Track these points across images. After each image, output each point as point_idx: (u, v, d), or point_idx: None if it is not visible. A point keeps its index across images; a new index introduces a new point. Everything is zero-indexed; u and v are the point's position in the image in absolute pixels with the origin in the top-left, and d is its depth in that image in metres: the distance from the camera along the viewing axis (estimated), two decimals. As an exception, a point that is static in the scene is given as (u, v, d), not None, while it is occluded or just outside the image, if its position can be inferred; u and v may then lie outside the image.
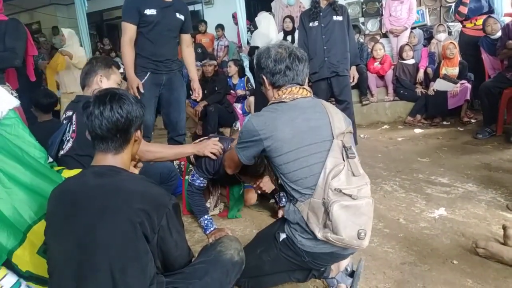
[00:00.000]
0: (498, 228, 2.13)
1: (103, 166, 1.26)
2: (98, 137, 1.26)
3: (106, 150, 1.27)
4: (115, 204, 1.15)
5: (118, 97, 1.27)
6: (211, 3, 9.02)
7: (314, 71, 3.67)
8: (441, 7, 6.19)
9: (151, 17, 2.90)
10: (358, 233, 1.40)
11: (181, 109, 3.28)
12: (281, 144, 1.49)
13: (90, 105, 1.26)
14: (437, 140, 4.25)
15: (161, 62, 3.04)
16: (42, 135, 2.26)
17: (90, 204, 1.16)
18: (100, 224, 1.13)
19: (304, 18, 3.75)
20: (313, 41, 3.66)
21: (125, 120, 1.26)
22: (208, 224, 2.34)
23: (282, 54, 1.60)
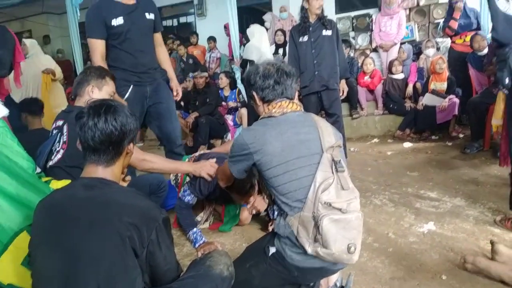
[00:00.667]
0: (486, 243, 2.15)
1: (93, 178, 1.24)
2: (90, 148, 1.25)
3: (97, 162, 1.26)
4: (104, 217, 1.13)
5: (113, 109, 1.26)
6: (203, 14, 9.08)
7: (304, 85, 3.73)
8: (429, 23, 6.32)
9: (119, 28, 2.69)
10: (348, 247, 1.40)
11: (173, 119, 3.08)
12: (271, 157, 1.51)
13: (83, 115, 1.24)
14: (426, 154, 4.29)
15: (144, 73, 2.85)
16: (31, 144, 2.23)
17: (78, 216, 1.14)
18: (89, 237, 1.11)
19: (294, 33, 3.79)
20: (303, 55, 3.71)
21: (119, 132, 1.25)
22: (197, 237, 2.32)
23: (270, 70, 1.64)
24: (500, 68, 2.18)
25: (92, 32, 2.70)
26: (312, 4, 3.58)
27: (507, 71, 2.12)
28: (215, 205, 2.75)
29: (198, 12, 9.08)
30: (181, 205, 2.37)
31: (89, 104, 1.28)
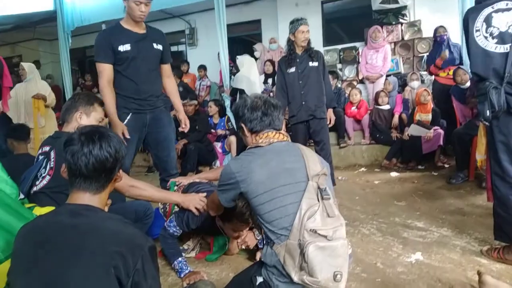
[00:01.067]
0: (473, 273, 2.14)
1: (79, 205, 1.22)
2: (81, 176, 1.22)
3: (86, 189, 1.23)
4: (89, 246, 1.10)
5: (107, 136, 1.25)
6: (194, 44, 9.26)
7: (292, 114, 3.83)
8: (414, 57, 6.55)
9: (125, 54, 2.74)
10: (334, 275, 1.39)
11: (171, 148, 3.08)
12: (256, 185, 1.53)
13: (74, 142, 1.22)
14: (413, 184, 4.33)
15: (144, 100, 2.86)
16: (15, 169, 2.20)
17: (62, 245, 1.11)
18: (72, 267, 1.07)
19: (281, 64, 3.89)
20: (291, 86, 3.79)
21: (113, 159, 1.24)
22: (183, 266, 2.27)
23: (258, 102, 1.71)
24: (480, 102, 2.23)
25: (100, 56, 2.75)
26: (297, 37, 3.68)
27: (487, 104, 2.18)
28: (203, 235, 2.71)
29: (189, 42, 9.26)
30: (165, 235, 2.33)
31: (80, 131, 1.26)
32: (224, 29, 6.20)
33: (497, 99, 2.16)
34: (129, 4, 2.69)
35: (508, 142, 2.24)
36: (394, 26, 6.64)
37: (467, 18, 2.32)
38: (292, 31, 3.71)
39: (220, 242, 2.59)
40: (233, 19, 7.67)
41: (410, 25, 6.63)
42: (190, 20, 9.06)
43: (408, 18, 6.80)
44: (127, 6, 2.72)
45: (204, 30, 8.90)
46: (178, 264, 2.28)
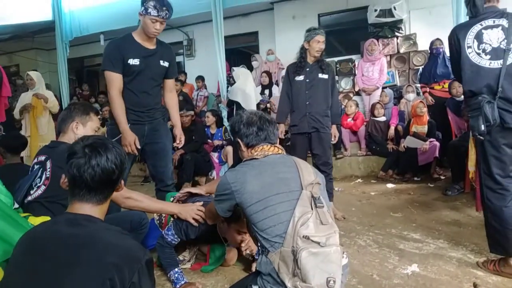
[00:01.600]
0: (469, 286, 2.14)
1: (78, 215, 1.21)
2: (86, 187, 1.20)
3: (89, 200, 1.22)
4: (86, 257, 1.09)
5: (110, 147, 1.24)
6: (192, 55, 9.32)
7: (294, 123, 3.69)
8: (409, 70, 6.61)
9: (134, 67, 2.76)
10: (327, 281, 1.40)
11: (168, 159, 3.08)
12: (251, 194, 1.57)
13: (78, 155, 1.20)
14: (409, 196, 4.34)
15: (143, 112, 2.87)
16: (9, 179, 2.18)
17: (59, 254, 1.10)
18: (68, 277, 1.06)
19: (290, 70, 3.74)
20: (296, 94, 3.66)
21: (119, 171, 1.24)
22: (179, 277, 2.25)
23: (253, 118, 1.78)
24: (473, 116, 2.25)
25: (110, 66, 2.73)
26: (312, 46, 3.56)
27: (482, 119, 2.20)
28: (200, 246, 2.68)
29: (187, 53, 9.32)
30: (163, 244, 2.31)
31: (83, 143, 1.24)
32: (222, 40, 6.26)
33: (491, 113, 2.19)
34: (145, 20, 2.68)
35: (499, 156, 2.27)
36: (390, 39, 6.72)
37: (456, 35, 2.37)
38: (308, 39, 3.58)
39: (217, 254, 2.57)
40: (230, 31, 7.75)
41: (405, 38, 6.71)
42: (188, 31, 9.14)
43: (404, 31, 6.90)
44: (142, 21, 2.71)
45: (202, 41, 8.96)
46: (174, 274, 2.26)
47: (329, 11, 7.71)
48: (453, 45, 2.41)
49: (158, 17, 2.66)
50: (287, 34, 7.87)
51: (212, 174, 5.58)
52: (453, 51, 2.44)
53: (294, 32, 7.76)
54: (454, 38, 2.39)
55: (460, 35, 2.34)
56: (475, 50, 2.30)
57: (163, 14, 2.66)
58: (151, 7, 2.62)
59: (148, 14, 2.65)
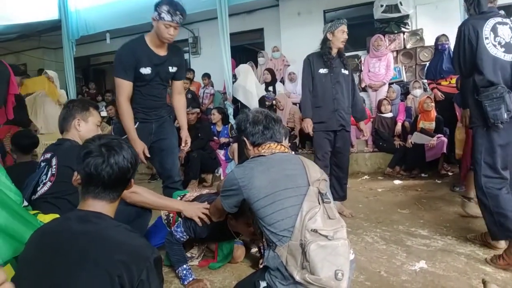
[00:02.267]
0: (478, 282, 2.13)
1: (89, 212, 1.22)
2: (102, 185, 1.23)
3: (103, 198, 1.24)
4: (95, 253, 1.10)
5: (124, 145, 1.28)
6: (198, 53, 9.32)
7: (321, 120, 3.43)
8: (416, 65, 6.55)
9: (145, 76, 2.77)
10: (335, 274, 1.41)
11: (174, 156, 3.09)
12: (258, 190, 1.59)
13: (94, 153, 1.22)
14: (416, 192, 4.32)
15: (151, 111, 2.91)
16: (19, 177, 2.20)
17: (69, 251, 1.11)
18: (77, 274, 1.07)
19: (312, 60, 3.46)
20: (322, 88, 3.42)
21: (133, 169, 1.27)
22: (187, 274, 2.26)
23: (259, 117, 1.79)
24: (493, 105, 2.30)
25: (121, 73, 2.71)
26: (337, 36, 3.36)
27: (505, 107, 2.26)
28: (208, 243, 2.69)
29: (192, 51, 9.32)
30: (172, 241, 2.32)
31: (98, 142, 1.25)
32: (227, 38, 6.26)
33: (510, 103, 2.27)
34: (158, 25, 2.64)
35: (506, 146, 2.37)
36: (396, 35, 6.66)
37: (473, 26, 2.40)
38: (332, 29, 3.37)
39: (225, 251, 2.58)
40: (236, 28, 7.73)
41: (412, 34, 6.65)
42: (193, 29, 9.14)
43: (410, 27, 6.83)
44: (156, 27, 2.67)
45: (207, 38, 8.97)
46: (182, 271, 2.27)
47: (335, 7, 7.67)
48: (467, 36, 2.43)
49: (172, 22, 2.62)
50: (292, 31, 7.85)
51: (218, 172, 5.60)
52: (464, 42, 2.45)
53: (299, 29, 7.76)
54: (469, 28, 2.41)
55: (478, 26, 2.38)
56: (492, 41, 2.36)
57: (177, 19, 2.63)
58: (164, 12, 2.58)
59: (161, 20, 2.60)
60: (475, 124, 2.49)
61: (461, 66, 2.53)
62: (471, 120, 2.54)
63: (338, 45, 3.40)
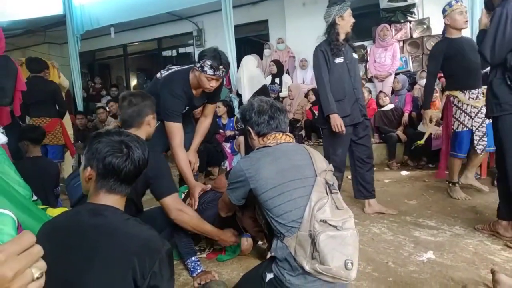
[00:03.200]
0: (486, 272, 2.12)
1: (100, 205, 1.23)
2: (120, 180, 1.24)
3: (118, 192, 1.25)
4: (107, 246, 1.11)
5: (139, 141, 1.30)
6: (202, 45, 9.29)
7: (346, 114, 3.14)
8: (423, 55, 6.48)
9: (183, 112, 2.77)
10: (345, 263, 1.42)
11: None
12: (265, 181, 1.58)
13: (116, 151, 1.23)
14: (423, 183, 4.29)
15: None
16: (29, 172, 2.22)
17: (82, 245, 1.12)
18: (90, 266, 1.08)
19: (326, 51, 3.14)
20: (339, 79, 3.15)
21: (146, 164, 1.30)
22: (196, 266, 2.28)
23: (264, 106, 1.76)
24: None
25: (174, 118, 2.64)
26: (346, 19, 3.11)
27: None
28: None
29: (197, 43, 9.30)
30: (181, 233, 2.34)
31: (117, 138, 1.26)
32: (232, 30, 6.23)
33: None
34: (200, 76, 2.58)
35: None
36: (403, 24, 6.59)
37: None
38: (340, 12, 3.08)
39: (232, 246, 2.59)
40: (240, 20, 7.69)
41: (418, 23, 6.57)
42: (197, 21, 9.11)
43: (417, 16, 6.74)
44: (198, 76, 2.60)
45: (211, 31, 8.93)
46: (191, 263, 2.29)
47: (340, -3, 7.59)
48: (510, 17, 2.37)
49: (214, 76, 2.55)
50: (297, 22, 7.79)
51: (224, 164, 5.61)
52: (506, 23, 2.38)
53: (304, 20, 7.69)
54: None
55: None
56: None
57: (219, 73, 2.56)
58: (207, 67, 2.51)
59: (204, 73, 2.54)
60: (508, 112, 2.45)
61: (494, 50, 2.43)
62: (501, 108, 2.47)
63: (347, 30, 3.15)
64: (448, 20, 3.45)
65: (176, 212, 2.09)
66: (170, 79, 2.69)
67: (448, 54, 3.39)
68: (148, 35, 9.89)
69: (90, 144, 1.27)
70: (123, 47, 10.75)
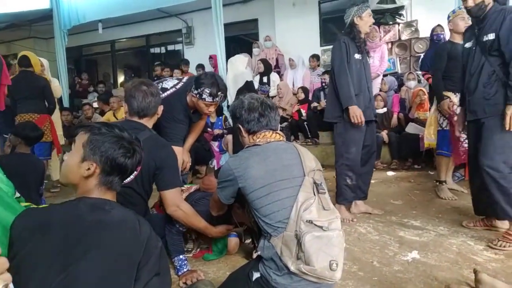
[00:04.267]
0: (469, 272, 2.15)
1: (100, 200, 1.20)
2: (122, 177, 1.26)
3: (116, 188, 1.25)
4: (104, 241, 1.09)
5: (138, 140, 1.32)
6: (191, 43, 9.25)
7: (360, 109, 3.11)
8: (411, 57, 6.56)
9: None
10: (330, 264, 1.42)
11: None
12: (254, 180, 1.57)
13: (124, 151, 1.23)
14: (409, 183, 4.35)
15: None
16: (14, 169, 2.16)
17: (85, 241, 1.08)
18: (90, 261, 1.05)
19: (348, 44, 3.14)
20: (357, 75, 3.15)
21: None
22: (182, 264, 2.27)
23: (255, 104, 1.75)
24: None
25: (178, 141, 2.67)
26: (365, 20, 3.16)
27: None
28: (202, 238, 2.69)
29: (186, 41, 9.25)
30: (172, 230, 2.33)
31: (131, 137, 1.27)
32: (221, 28, 6.21)
33: None
34: (198, 103, 2.57)
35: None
36: (391, 26, 6.65)
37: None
38: (359, 13, 3.15)
39: (219, 246, 2.59)
40: (230, 18, 7.67)
41: (407, 25, 6.65)
42: (187, 19, 9.06)
43: (405, 18, 6.82)
44: (196, 103, 2.59)
45: (201, 29, 8.89)
46: (178, 261, 2.28)
47: (330, -2, 7.64)
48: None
49: (213, 102, 2.56)
50: (287, 22, 7.81)
51: (212, 163, 5.59)
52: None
53: (294, 20, 7.72)
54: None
55: None
56: None
57: (217, 99, 2.56)
58: (206, 94, 2.50)
59: (203, 100, 2.53)
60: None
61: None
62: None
63: (365, 30, 3.20)
64: (451, 25, 3.69)
65: (174, 207, 2.12)
66: (169, 103, 2.60)
67: (450, 56, 3.55)
68: (136, 32, 9.80)
69: (90, 134, 1.23)
70: (111, 43, 10.62)
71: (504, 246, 2.45)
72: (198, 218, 2.23)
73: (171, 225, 2.33)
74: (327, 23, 7.80)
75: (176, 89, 2.72)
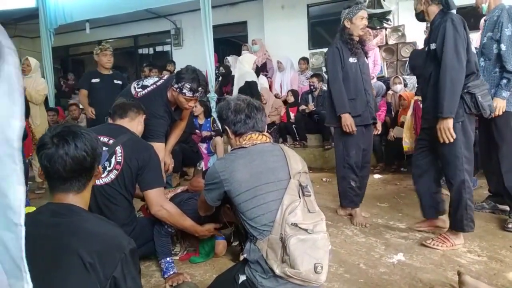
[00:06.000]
0: (453, 274, 2.18)
1: (61, 205, 1.18)
2: (60, 178, 1.18)
3: (67, 190, 1.20)
4: (69, 245, 1.07)
5: (80, 134, 1.20)
6: (180, 45, 9.21)
7: (357, 113, 3.12)
8: (397, 61, 6.64)
9: None
10: (315, 267, 1.43)
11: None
12: (239, 183, 1.57)
13: (48, 146, 1.16)
14: (395, 186, 4.39)
15: None
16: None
17: (43, 244, 1.07)
18: (52, 267, 1.04)
19: (341, 49, 3.14)
20: (353, 79, 3.13)
21: (91, 158, 1.20)
22: (169, 267, 2.25)
23: (241, 105, 1.74)
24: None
25: (160, 137, 2.72)
26: (356, 23, 3.12)
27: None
28: (190, 240, 2.68)
29: (174, 42, 9.21)
30: (161, 231, 2.32)
31: (51, 133, 1.19)
32: (210, 30, 6.19)
33: None
34: (179, 98, 2.60)
35: None
36: (379, 31, 6.73)
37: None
38: (349, 16, 3.12)
39: (206, 248, 2.58)
40: (219, 20, 7.66)
41: (394, 30, 6.74)
42: (176, 20, 9.02)
43: (392, 22, 6.91)
44: (176, 96, 2.63)
45: (190, 30, 8.87)
46: (165, 263, 2.26)
47: (318, 2, 7.69)
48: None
49: (193, 97, 2.59)
50: (276, 24, 7.84)
51: (200, 165, 5.56)
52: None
53: (283, 22, 7.75)
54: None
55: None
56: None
57: (198, 94, 2.59)
58: (186, 89, 2.54)
59: (183, 94, 2.56)
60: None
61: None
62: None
63: (358, 33, 3.16)
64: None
65: (157, 207, 2.13)
66: (149, 100, 2.64)
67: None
68: (124, 32, 9.72)
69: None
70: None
71: (437, 246, 2.56)
72: (183, 217, 2.23)
73: (160, 226, 2.32)
74: (315, 26, 7.86)
75: (157, 86, 2.74)
